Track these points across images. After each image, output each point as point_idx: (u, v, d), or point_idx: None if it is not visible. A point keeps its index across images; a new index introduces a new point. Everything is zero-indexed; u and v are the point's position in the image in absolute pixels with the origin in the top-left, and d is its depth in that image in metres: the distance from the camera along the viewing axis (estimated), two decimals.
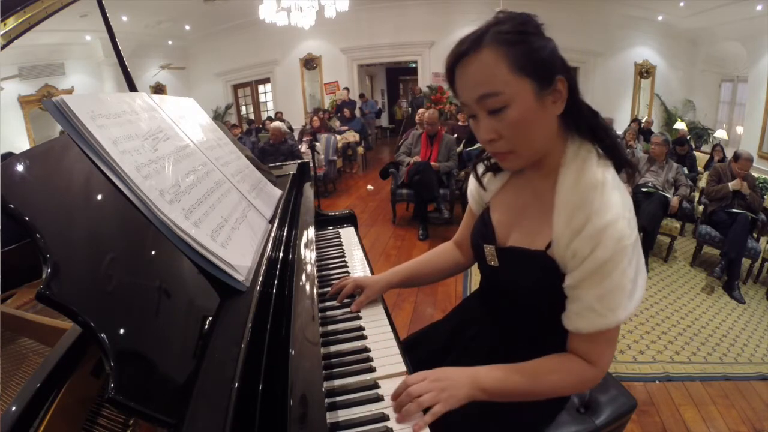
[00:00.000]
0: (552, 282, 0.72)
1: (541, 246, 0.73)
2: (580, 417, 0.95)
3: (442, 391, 0.69)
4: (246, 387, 0.53)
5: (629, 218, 0.66)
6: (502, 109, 0.65)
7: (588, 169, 0.69)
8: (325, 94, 9.85)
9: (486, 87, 0.65)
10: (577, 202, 0.67)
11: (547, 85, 0.65)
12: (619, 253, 0.64)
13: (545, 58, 0.65)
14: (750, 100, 6.80)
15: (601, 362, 0.73)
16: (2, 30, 1.01)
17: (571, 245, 0.67)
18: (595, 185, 0.67)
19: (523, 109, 0.65)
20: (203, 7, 8.41)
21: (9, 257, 1.03)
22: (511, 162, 0.73)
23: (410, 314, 2.61)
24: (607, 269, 0.65)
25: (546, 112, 0.67)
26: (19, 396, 0.57)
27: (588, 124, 0.72)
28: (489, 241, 0.83)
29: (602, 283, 0.66)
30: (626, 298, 0.67)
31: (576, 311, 0.70)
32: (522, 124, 0.66)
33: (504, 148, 0.70)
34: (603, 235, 0.64)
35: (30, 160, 0.57)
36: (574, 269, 0.68)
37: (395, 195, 4.21)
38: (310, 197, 1.51)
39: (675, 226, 3.51)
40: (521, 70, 0.63)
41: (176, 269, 0.65)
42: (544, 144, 0.71)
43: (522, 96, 0.64)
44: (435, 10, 8.75)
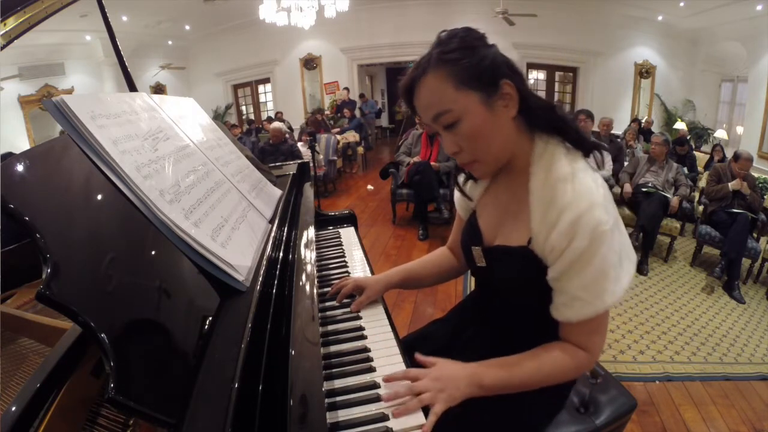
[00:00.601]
0: (537, 276, 0.73)
1: (523, 242, 0.75)
2: (580, 417, 0.95)
3: (441, 391, 0.70)
4: (246, 387, 0.53)
5: (604, 204, 0.67)
6: (455, 123, 0.69)
7: (556, 164, 0.71)
8: (325, 94, 9.85)
9: (436, 107, 0.69)
10: (548, 198, 0.69)
11: (494, 92, 0.68)
12: (596, 241, 0.65)
13: (486, 66, 0.68)
14: (750, 100, 6.80)
15: (592, 348, 0.75)
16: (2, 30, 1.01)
17: (549, 240, 0.68)
18: (564, 178, 0.69)
19: (475, 120, 0.69)
20: (203, 7, 8.40)
21: (9, 257, 1.03)
22: (478, 170, 0.77)
23: (410, 314, 2.61)
24: (586, 258, 0.66)
25: (499, 118, 0.70)
26: (19, 396, 0.57)
27: (545, 118, 0.74)
28: (476, 243, 0.86)
29: (584, 272, 0.67)
30: (612, 283, 0.68)
31: (563, 302, 0.71)
32: (477, 134, 0.70)
33: (467, 159, 0.74)
34: (578, 226, 0.65)
35: (30, 160, 0.57)
36: (555, 262, 0.69)
37: (395, 195, 4.21)
38: (310, 197, 1.51)
39: (675, 226, 3.51)
40: (465, 85, 0.67)
41: (176, 269, 0.65)
42: (505, 148, 0.74)
43: (470, 108, 0.68)
44: (435, 10, 8.74)
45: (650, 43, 8.32)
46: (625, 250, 0.71)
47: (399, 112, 11.58)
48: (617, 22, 8.06)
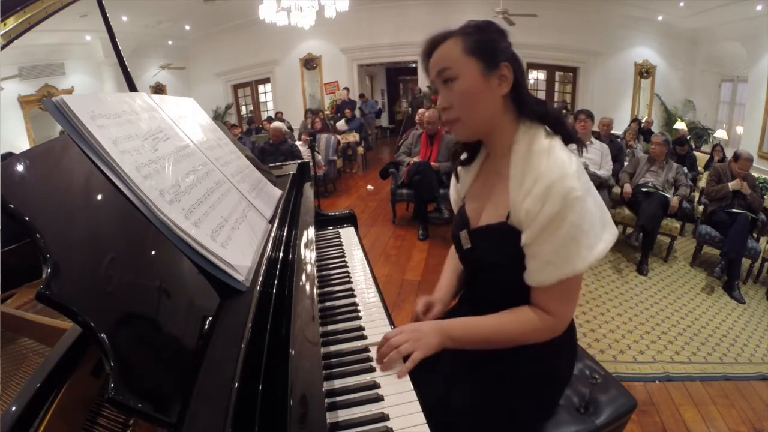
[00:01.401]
0: (516, 249, 0.78)
1: (502, 218, 0.81)
2: (580, 417, 0.95)
3: (417, 340, 0.80)
4: (246, 387, 0.53)
5: (576, 174, 0.73)
6: (453, 80, 0.79)
7: (536, 140, 0.78)
8: (325, 94, 9.85)
9: (443, 63, 0.80)
10: (527, 168, 0.76)
11: (493, 68, 0.77)
12: (567, 207, 0.71)
13: (494, 47, 0.78)
14: (750, 100, 6.80)
15: (561, 313, 0.80)
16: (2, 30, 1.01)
17: (523, 205, 0.75)
18: (542, 151, 0.76)
19: (469, 82, 0.78)
20: (203, 7, 8.40)
21: (9, 257, 1.03)
22: (458, 130, 0.84)
23: (410, 314, 2.61)
24: (556, 223, 0.72)
25: (491, 90, 0.79)
26: (19, 396, 0.57)
27: (533, 107, 0.81)
28: (464, 228, 0.91)
29: (555, 236, 0.72)
30: (583, 249, 0.73)
31: (535, 267, 0.76)
32: (467, 94, 0.78)
33: (453, 116, 0.81)
34: (550, 192, 0.71)
35: (30, 160, 0.57)
36: (528, 227, 0.75)
37: (395, 195, 4.21)
38: (310, 197, 1.51)
39: (675, 226, 3.51)
40: (470, 53, 0.77)
41: (176, 269, 0.65)
42: (488, 117, 0.81)
43: (469, 71, 0.77)
44: (435, 10, 8.74)
45: (650, 43, 8.32)
46: (602, 220, 0.76)
47: (399, 112, 11.59)
48: (617, 22, 8.06)
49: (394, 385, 0.76)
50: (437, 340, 0.81)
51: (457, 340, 0.82)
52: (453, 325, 0.84)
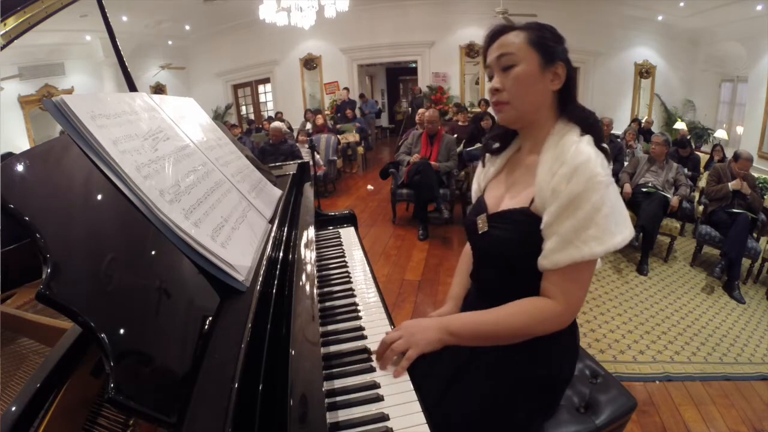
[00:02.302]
0: (535, 236, 0.79)
1: (525, 203, 0.84)
2: (580, 417, 0.95)
3: (412, 336, 0.79)
4: (246, 387, 0.53)
5: (600, 162, 0.76)
6: (511, 66, 0.83)
7: (569, 135, 0.82)
8: (325, 94, 9.84)
9: (505, 48, 0.84)
10: (557, 154, 0.80)
11: (550, 63, 0.83)
12: (591, 188, 0.74)
13: (554, 47, 0.83)
14: (750, 100, 6.80)
15: (569, 301, 0.79)
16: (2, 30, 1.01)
17: (550, 184, 0.77)
18: (572, 140, 0.80)
19: (527, 70, 0.82)
20: (203, 7, 8.40)
21: (9, 257, 1.03)
22: (505, 113, 0.86)
23: (410, 314, 2.61)
24: (579, 201, 0.74)
25: (543, 83, 0.84)
26: (19, 396, 0.57)
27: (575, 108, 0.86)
28: (481, 213, 0.93)
29: (576, 215, 0.74)
30: (602, 233, 0.74)
31: (552, 247, 0.77)
32: (522, 81, 0.82)
33: (504, 99, 0.85)
34: (576, 172, 0.75)
35: (30, 160, 0.57)
36: (551, 204, 0.77)
37: (395, 195, 4.21)
38: (310, 197, 1.51)
39: (675, 226, 3.51)
40: (533, 45, 0.82)
41: (176, 269, 0.65)
42: (534, 106, 0.85)
43: (528, 61, 0.82)
44: (435, 10, 8.74)
45: (650, 43, 8.32)
46: (622, 215, 0.78)
47: (399, 112, 11.58)
48: (617, 22, 8.06)
49: (394, 385, 0.75)
50: (435, 335, 0.80)
51: (457, 335, 0.81)
52: (453, 319, 0.84)
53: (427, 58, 9.30)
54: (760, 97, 6.38)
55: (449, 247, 3.74)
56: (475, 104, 8.55)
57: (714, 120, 7.89)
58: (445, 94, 9.17)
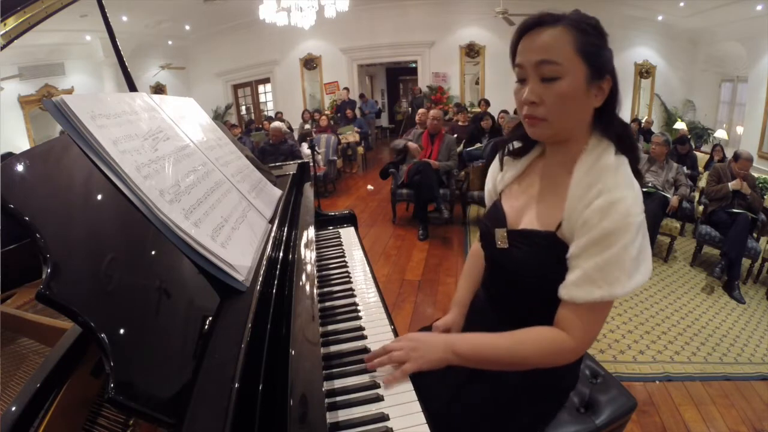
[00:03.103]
0: (558, 265, 0.74)
1: (552, 227, 0.77)
2: (580, 417, 0.95)
3: (414, 350, 0.76)
4: (246, 387, 0.53)
5: (638, 200, 0.71)
6: (555, 79, 0.71)
7: (605, 156, 0.74)
8: (325, 94, 9.84)
9: (549, 54, 0.71)
10: (591, 181, 0.73)
11: (598, 77, 0.72)
12: (623, 228, 0.68)
13: (605, 56, 0.73)
14: (750, 100, 6.80)
15: (583, 337, 0.75)
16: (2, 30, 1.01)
17: (582, 215, 0.71)
18: (609, 167, 0.73)
19: (573, 87, 0.71)
20: (203, 7, 8.39)
21: (9, 257, 1.03)
22: (540, 129, 0.76)
23: (410, 314, 2.61)
24: (610, 240, 0.69)
25: (588, 99, 0.73)
26: (19, 396, 0.57)
27: (615, 125, 0.77)
28: (500, 225, 0.86)
29: (603, 254, 0.69)
30: (625, 276, 0.70)
31: (574, 281, 0.72)
32: (566, 97, 0.71)
33: (540, 114, 0.74)
34: (612, 208, 0.69)
35: (30, 160, 0.57)
36: (581, 237, 0.71)
37: (395, 195, 4.21)
38: (310, 197, 1.51)
39: (675, 226, 3.51)
40: (583, 54, 0.70)
41: (176, 269, 0.65)
42: (574, 125, 0.76)
43: (575, 74, 0.71)
44: (435, 10, 8.74)
45: (650, 43, 8.32)
46: (645, 254, 0.73)
47: (399, 113, 11.58)
48: (617, 22, 8.05)
49: (396, 387, 0.75)
50: (438, 355, 0.76)
51: (464, 357, 0.76)
52: (461, 341, 0.78)
53: (427, 58, 9.29)
54: (760, 97, 6.38)
55: (449, 247, 3.74)
56: (475, 104, 8.56)
57: (714, 120, 7.89)
58: (445, 94, 9.17)
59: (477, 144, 4.97)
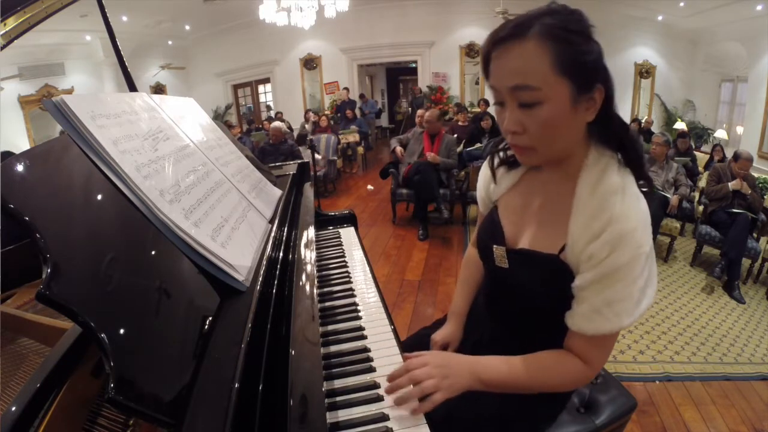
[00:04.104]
0: (562, 286, 0.71)
1: (554, 250, 0.73)
2: (580, 417, 0.95)
3: (444, 378, 0.70)
4: (246, 387, 0.53)
5: (647, 227, 0.66)
6: (534, 104, 0.63)
7: (608, 174, 0.68)
8: (325, 94, 9.85)
9: (524, 78, 0.62)
10: (596, 207, 0.67)
11: (585, 92, 0.64)
12: (634, 261, 0.65)
13: (591, 62, 0.63)
14: (750, 100, 6.80)
15: (595, 363, 0.74)
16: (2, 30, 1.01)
17: (588, 248, 0.66)
18: (615, 190, 0.67)
19: (556, 111, 0.63)
20: (203, 7, 8.40)
21: (9, 257, 1.03)
22: (529, 158, 0.71)
23: (410, 314, 2.61)
24: (619, 275, 0.65)
25: (576, 118, 0.65)
26: (19, 396, 0.57)
27: (616, 134, 0.70)
28: (499, 242, 0.82)
29: (612, 288, 0.66)
30: (633, 305, 0.67)
31: (582, 313, 0.70)
32: (551, 124, 0.64)
33: (525, 143, 0.67)
34: (622, 241, 0.64)
35: (30, 160, 0.57)
36: (587, 271, 0.67)
37: (395, 195, 4.21)
38: (310, 197, 1.51)
39: (675, 226, 3.51)
40: (563, 71, 0.61)
41: (176, 269, 0.65)
42: (567, 147, 0.70)
43: (558, 97, 0.62)
44: (435, 10, 8.74)
45: (650, 43, 8.32)
46: (651, 280, 0.70)
47: (399, 113, 11.59)
48: (617, 22, 8.06)
49: None
50: (466, 383, 0.72)
51: (488, 384, 0.73)
52: (486, 369, 0.74)
53: (427, 58, 9.29)
54: (760, 97, 6.38)
55: (449, 247, 3.74)
56: (475, 104, 8.55)
57: (714, 120, 7.89)
58: (445, 94, 9.17)
59: (477, 144, 4.97)
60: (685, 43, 8.06)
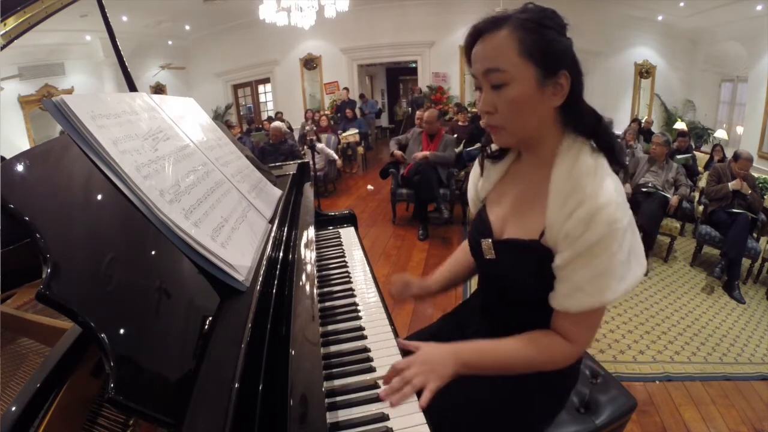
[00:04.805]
0: (546, 270, 0.74)
1: (535, 235, 0.76)
2: (580, 417, 0.95)
3: (431, 371, 0.74)
4: (246, 387, 0.53)
5: (621, 203, 0.69)
6: (502, 85, 0.70)
7: (582, 158, 0.72)
8: (325, 94, 9.85)
9: (493, 62, 0.70)
10: (571, 188, 0.70)
11: (551, 76, 0.69)
12: (609, 236, 0.67)
13: (555, 50, 0.69)
14: (750, 100, 6.80)
15: (580, 342, 0.76)
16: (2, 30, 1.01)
17: (564, 227, 0.70)
18: (588, 171, 0.70)
19: (522, 91, 0.69)
20: (203, 7, 8.40)
21: (9, 257, 1.03)
22: (500, 137, 0.77)
23: (410, 314, 2.61)
24: (596, 251, 0.68)
25: (543, 101, 0.71)
26: (19, 396, 0.57)
27: (587, 121, 0.74)
28: (486, 236, 0.85)
29: (591, 264, 0.68)
30: (615, 281, 0.69)
31: (564, 292, 0.72)
32: (517, 104, 0.70)
33: (497, 122, 0.74)
34: (595, 218, 0.67)
35: (30, 160, 0.57)
36: (565, 250, 0.70)
37: (395, 195, 4.21)
38: (310, 197, 1.51)
39: (675, 226, 3.51)
40: (529, 56, 0.68)
41: (176, 269, 0.65)
42: (535, 129, 0.75)
43: (523, 78, 0.69)
44: (435, 10, 8.74)
45: (650, 43, 8.32)
46: (635, 252, 0.72)
47: (400, 113, 11.59)
48: (617, 22, 8.06)
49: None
50: (451, 370, 0.75)
51: (472, 367, 0.77)
52: (467, 351, 0.78)
53: (427, 58, 9.29)
54: (760, 97, 6.38)
55: (449, 247, 3.74)
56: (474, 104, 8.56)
57: (714, 120, 7.89)
58: (445, 94, 9.17)
59: (477, 144, 4.97)
60: (685, 43, 8.06)
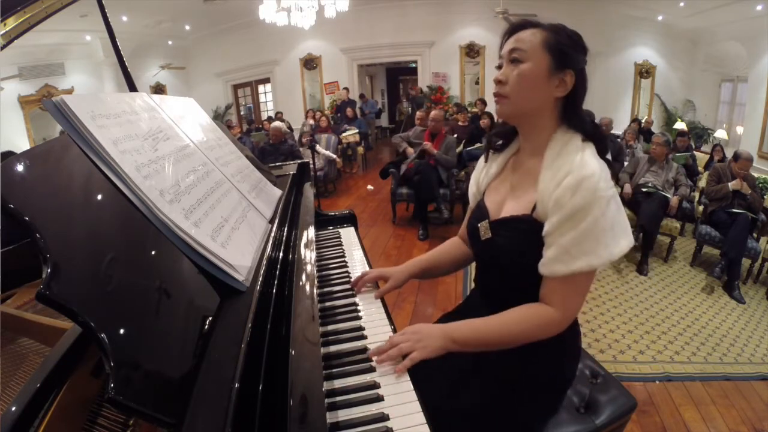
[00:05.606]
0: (538, 245, 0.80)
1: (527, 210, 0.84)
2: (580, 417, 0.95)
3: (418, 341, 0.80)
4: (246, 387, 0.53)
5: (605, 178, 0.78)
6: (519, 61, 0.82)
7: (572, 142, 0.82)
8: (325, 94, 9.84)
9: (518, 44, 0.83)
10: (560, 163, 0.80)
11: (560, 69, 0.82)
12: (594, 203, 0.75)
13: (569, 54, 0.82)
14: (750, 100, 6.79)
15: (567, 308, 0.81)
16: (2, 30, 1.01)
17: (553, 195, 0.78)
18: (576, 149, 0.81)
19: (533, 69, 0.82)
20: (203, 7, 8.39)
21: (9, 257, 1.03)
22: (504, 106, 0.87)
23: (410, 314, 2.61)
24: (581, 215, 0.75)
25: (547, 87, 0.83)
26: (19, 396, 0.57)
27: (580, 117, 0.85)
28: (483, 219, 0.93)
29: (576, 228, 0.75)
30: (601, 247, 0.76)
31: (552, 256, 0.78)
32: (526, 78, 0.82)
33: (504, 91, 0.85)
34: (582, 185, 0.75)
35: (30, 160, 0.57)
36: (553, 215, 0.78)
37: (395, 195, 4.21)
38: (310, 197, 1.51)
39: (675, 226, 3.51)
40: (548, 48, 0.81)
41: (176, 269, 0.65)
42: (535, 109, 0.85)
43: (538, 61, 0.81)
44: (435, 10, 8.73)
45: (650, 43, 8.31)
46: (621, 225, 0.79)
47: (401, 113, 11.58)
48: (617, 22, 8.06)
49: (394, 385, 0.75)
50: (439, 343, 0.81)
51: (461, 343, 0.82)
52: (456, 327, 0.84)
53: (427, 58, 9.29)
54: (760, 97, 6.38)
55: None
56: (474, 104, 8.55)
57: (714, 120, 7.89)
58: (445, 94, 9.17)
59: (477, 144, 4.97)
60: (685, 43, 8.05)
